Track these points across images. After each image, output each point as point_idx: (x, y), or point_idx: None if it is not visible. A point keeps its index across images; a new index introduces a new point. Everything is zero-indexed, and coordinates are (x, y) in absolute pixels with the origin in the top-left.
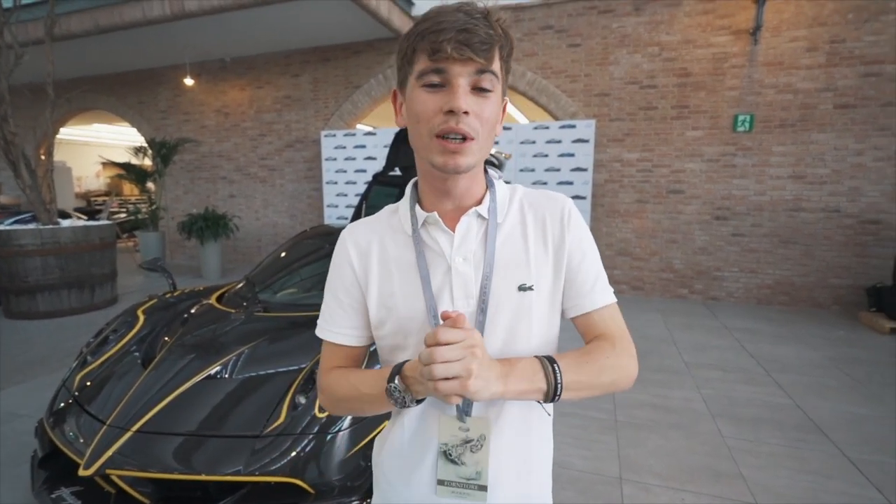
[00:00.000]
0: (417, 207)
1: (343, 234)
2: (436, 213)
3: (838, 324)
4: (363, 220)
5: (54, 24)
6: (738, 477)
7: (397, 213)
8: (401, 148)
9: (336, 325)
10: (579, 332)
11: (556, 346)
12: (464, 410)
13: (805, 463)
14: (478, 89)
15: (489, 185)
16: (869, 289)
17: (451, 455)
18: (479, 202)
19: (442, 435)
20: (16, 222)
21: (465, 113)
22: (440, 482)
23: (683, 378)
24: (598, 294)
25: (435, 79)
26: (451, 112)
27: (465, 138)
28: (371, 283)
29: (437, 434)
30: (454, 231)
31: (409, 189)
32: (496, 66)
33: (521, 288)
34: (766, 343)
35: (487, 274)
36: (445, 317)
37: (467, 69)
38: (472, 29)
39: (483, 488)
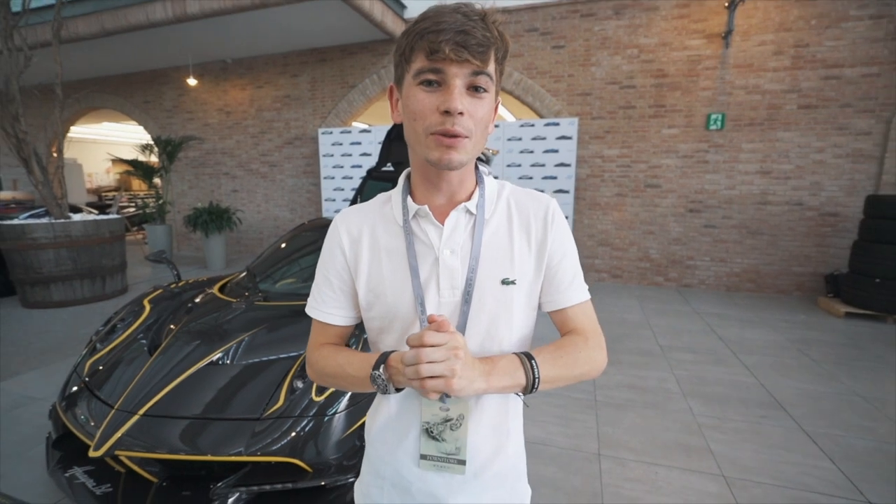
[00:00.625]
0: (409, 199)
1: (336, 219)
2: (427, 207)
3: (799, 308)
4: (356, 207)
5: (61, 27)
6: (706, 451)
7: (390, 203)
8: (392, 144)
9: (325, 305)
10: (555, 323)
11: (531, 335)
12: (445, 393)
13: (767, 437)
14: (473, 89)
15: (479, 181)
16: (827, 276)
17: (432, 432)
18: (469, 197)
19: (424, 414)
20: (30, 217)
21: (461, 113)
22: (423, 456)
23: (658, 360)
24: (575, 291)
25: (432, 77)
26: (446, 112)
27: (459, 136)
28: (361, 268)
29: (419, 413)
30: (443, 224)
31: (401, 180)
32: (491, 67)
33: (504, 282)
34: (733, 327)
35: (473, 267)
36: (431, 320)
37: (463, 70)
38: (470, 31)
39: (462, 462)
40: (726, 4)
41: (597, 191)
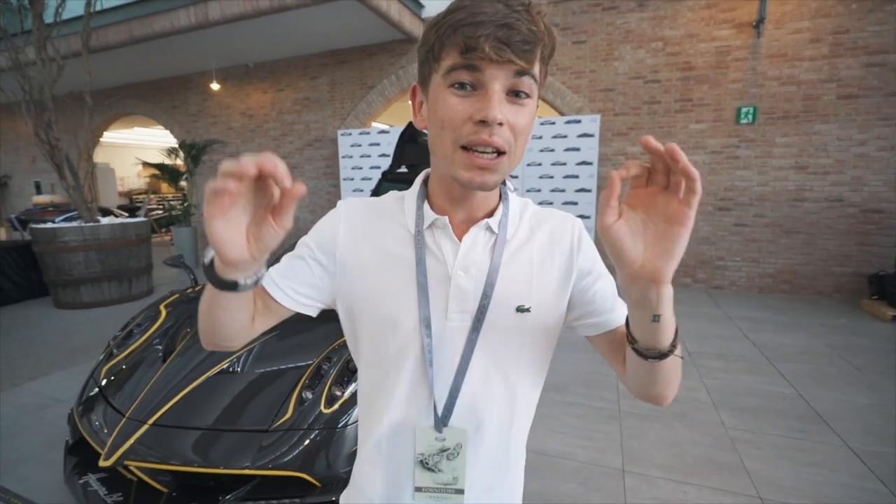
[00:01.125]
0: (427, 206)
1: (340, 205)
2: (446, 218)
3: (840, 311)
4: (364, 200)
5: (90, 37)
6: (740, 469)
7: (401, 204)
8: (406, 146)
9: (284, 281)
10: (601, 348)
11: (545, 369)
12: (441, 421)
13: (808, 454)
14: (514, 94)
15: (503, 196)
16: (871, 276)
17: (427, 464)
18: (491, 214)
19: (419, 445)
20: (65, 220)
21: (500, 124)
22: (417, 489)
23: (686, 367)
24: (622, 310)
25: (466, 77)
26: (482, 122)
27: (497, 153)
28: (355, 269)
29: (413, 443)
30: (461, 241)
31: (418, 183)
32: (536, 68)
33: (519, 309)
34: (768, 332)
35: (487, 292)
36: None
37: (504, 72)
38: (514, 24)
39: (460, 492)
40: None
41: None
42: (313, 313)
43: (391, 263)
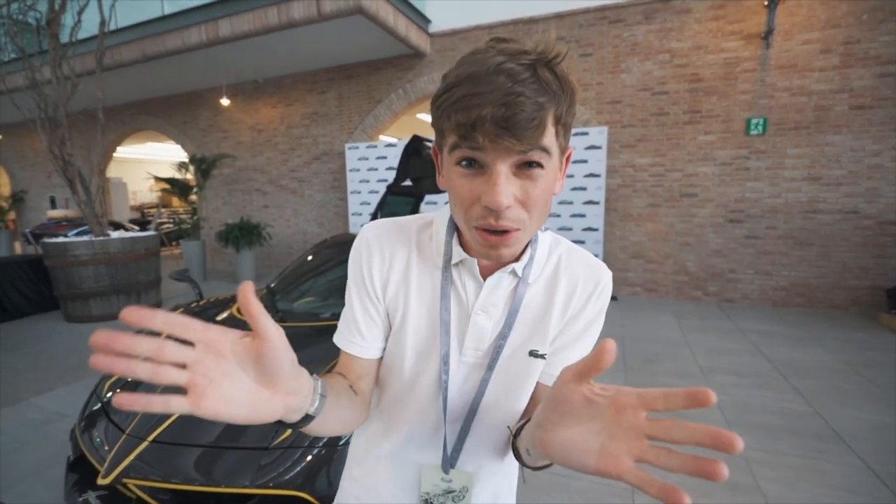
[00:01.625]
0: (456, 242)
1: (367, 232)
2: (475, 260)
3: (857, 326)
4: (389, 223)
5: (104, 55)
6: (755, 490)
7: (429, 232)
8: (410, 159)
9: (358, 335)
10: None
11: None
12: (449, 462)
13: (826, 476)
14: (526, 165)
15: (532, 239)
16: (889, 290)
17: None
18: (518, 258)
19: (424, 484)
20: (78, 234)
21: (508, 207)
22: None
23: (698, 383)
24: None
25: (470, 155)
26: (489, 208)
27: (507, 231)
28: (389, 296)
29: (418, 482)
30: (485, 280)
31: (447, 214)
32: (549, 136)
33: (533, 354)
34: (782, 346)
35: (505, 333)
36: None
37: (508, 152)
38: (514, 102)
39: None
40: (766, 3)
41: (629, 201)
42: None
43: (416, 293)
